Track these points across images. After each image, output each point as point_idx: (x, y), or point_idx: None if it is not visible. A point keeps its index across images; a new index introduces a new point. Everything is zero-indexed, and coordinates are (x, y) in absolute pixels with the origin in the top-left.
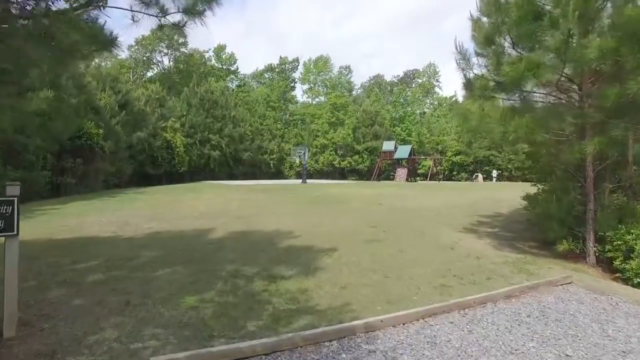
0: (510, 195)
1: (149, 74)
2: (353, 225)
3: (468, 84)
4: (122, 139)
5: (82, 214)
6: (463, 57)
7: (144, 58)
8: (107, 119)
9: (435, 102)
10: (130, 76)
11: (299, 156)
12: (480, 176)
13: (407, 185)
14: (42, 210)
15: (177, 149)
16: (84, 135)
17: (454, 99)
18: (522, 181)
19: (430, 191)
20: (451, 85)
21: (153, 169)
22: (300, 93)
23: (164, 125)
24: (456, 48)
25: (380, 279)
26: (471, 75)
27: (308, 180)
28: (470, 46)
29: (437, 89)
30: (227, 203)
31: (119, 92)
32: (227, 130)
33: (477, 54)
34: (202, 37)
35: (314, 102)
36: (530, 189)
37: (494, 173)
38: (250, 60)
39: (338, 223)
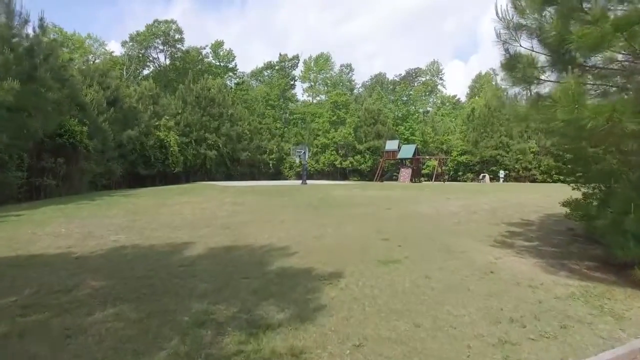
0: (531, 199)
1: (146, 71)
2: (361, 236)
3: (511, 61)
4: (110, 137)
5: (44, 223)
6: (507, 25)
7: (139, 54)
8: (94, 116)
9: (439, 101)
10: (124, 73)
11: (299, 156)
12: (487, 177)
13: (414, 187)
14: (1, 217)
15: (171, 148)
16: (66, 133)
17: (456, 98)
18: (530, 182)
19: (441, 193)
20: (452, 85)
21: (146, 169)
22: (300, 92)
23: (157, 123)
24: (497, 14)
25: (410, 328)
26: (518, 49)
27: (308, 181)
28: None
29: (440, 87)
30: (217, 208)
31: (108, 88)
32: (225, 129)
33: (520, 27)
34: (202, 36)
35: (314, 101)
36: (547, 190)
37: (501, 173)
38: (251, 60)
39: (343, 234)
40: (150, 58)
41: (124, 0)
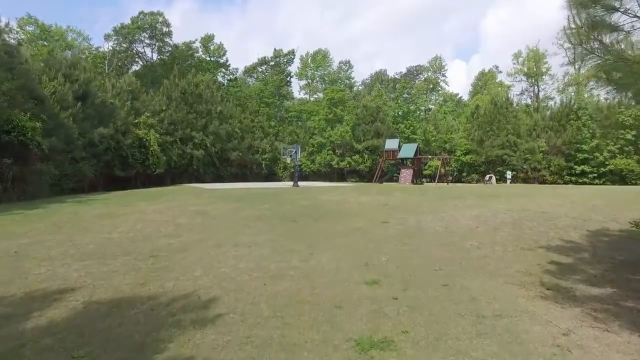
0: (556, 206)
1: (135, 67)
2: (338, 276)
3: None
4: (74, 135)
5: None
6: None
7: (125, 48)
8: (56, 111)
9: (441, 98)
10: (106, 67)
11: (290, 156)
12: (493, 178)
13: (415, 190)
14: None
15: (151, 148)
16: (15, 129)
17: (459, 96)
18: (540, 183)
19: (447, 198)
20: (454, 84)
21: (123, 170)
22: (297, 89)
23: (136, 121)
24: None
25: None
26: None
27: (302, 183)
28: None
29: (443, 84)
30: (168, 221)
31: (76, 81)
32: (213, 127)
33: None
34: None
35: (312, 99)
36: (567, 194)
37: (508, 174)
38: (251, 61)
39: (313, 271)
40: (137, 52)
41: (124, 0)
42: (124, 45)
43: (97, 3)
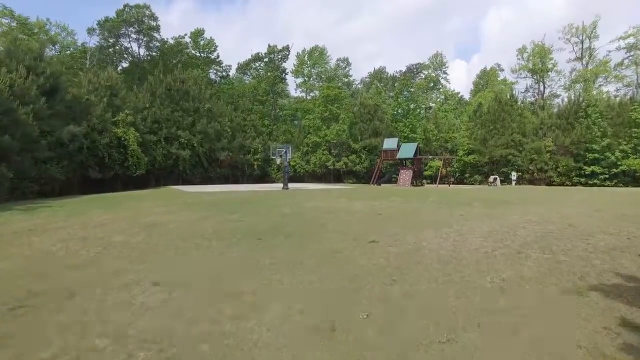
0: (581, 216)
1: (124, 64)
2: (280, 352)
3: None
4: (35, 133)
5: None
6: None
7: (108, 43)
8: (13, 106)
9: (442, 96)
10: (87, 62)
11: (280, 156)
12: (498, 179)
13: (415, 193)
14: None
15: (131, 147)
16: None
17: (460, 95)
18: (546, 184)
19: (451, 205)
20: (455, 84)
21: (100, 172)
22: (293, 87)
23: (115, 119)
24: None
25: None
26: None
27: (293, 185)
28: None
29: (444, 82)
30: (101, 239)
31: (42, 74)
32: (200, 125)
33: None
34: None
35: (308, 97)
36: (585, 199)
37: (513, 175)
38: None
39: (244, 341)
40: (124, 48)
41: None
42: (110, 40)
43: (96, 2)
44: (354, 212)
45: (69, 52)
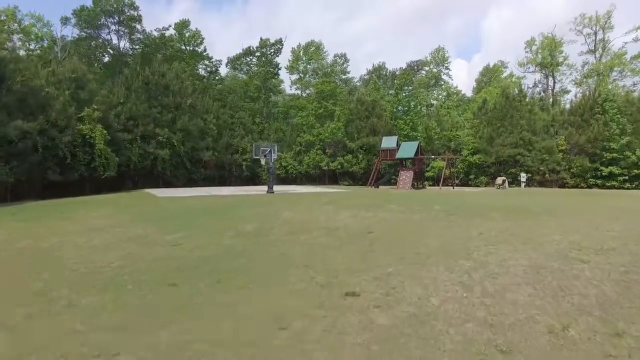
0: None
1: (108, 59)
2: None
3: None
4: None
5: None
6: None
7: (86, 34)
8: None
9: (445, 93)
10: (58, 53)
11: (264, 156)
12: (506, 181)
13: (418, 199)
14: None
15: (97, 146)
16: None
17: (462, 93)
18: (559, 187)
19: (463, 217)
20: (456, 83)
21: (61, 174)
22: (288, 84)
23: (81, 114)
24: None
25: None
26: None
27: (282, 188)
28: None
29: (446, 77)
30: None
31: None
32: (181, 122)
33: None
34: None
35: (304, 94)
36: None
37: (522, 177)
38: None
39: None
40: (103, 41)
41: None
42: (88, 31)
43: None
44: (337, 229)
45: (46, 44)
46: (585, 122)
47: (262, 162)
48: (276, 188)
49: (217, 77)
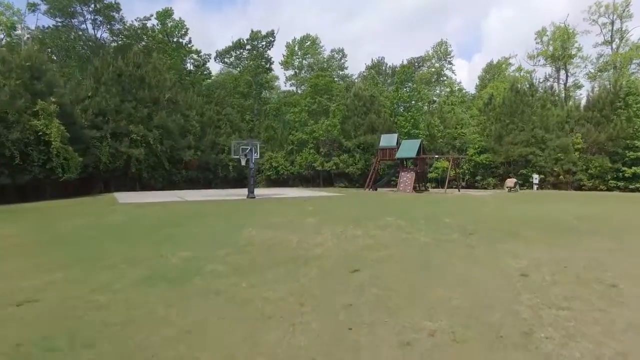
0: None
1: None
2: None
3: None
4: None
5: None
6: None
7: (59, 23)
8: None
9: (448, 88)
10: (21, 41)
11: (245, 155)
12: (518, 184)
13: (422, 208)
14: None
15: (53, 144)
16: None
17: (464, 91)
18: (575, 189)
19: (487, 237)
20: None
21: (9, 176)
22: (282, 81)
23: (36, 108)
24: None
25: None
26: None
27: (268, 191)
28: None
29: (449, 72)
30: None
31: None
32: (159, 119)
33: None
34: (203, 37)
35: (299, 91)
36: None
37: (535, 178)
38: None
39: None
40: (76, 30)
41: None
42: (60, 20)
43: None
44: (307, 263)
45: (18, 33)
46: (605, 118)
47: (242, 162)
48: (263, 191)
49: (205, 72)
